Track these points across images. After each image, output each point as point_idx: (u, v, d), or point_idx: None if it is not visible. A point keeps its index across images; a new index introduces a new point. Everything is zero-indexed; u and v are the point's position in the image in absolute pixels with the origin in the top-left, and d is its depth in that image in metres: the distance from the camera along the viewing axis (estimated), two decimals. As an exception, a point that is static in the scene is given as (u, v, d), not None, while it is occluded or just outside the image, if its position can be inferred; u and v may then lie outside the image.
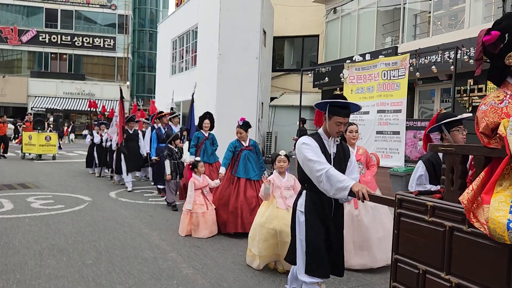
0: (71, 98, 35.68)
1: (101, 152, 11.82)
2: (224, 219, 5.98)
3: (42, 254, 4.87)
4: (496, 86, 2.44)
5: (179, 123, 12.07)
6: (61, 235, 5.68)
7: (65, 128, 30.73)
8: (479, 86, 10.98)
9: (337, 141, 3.34)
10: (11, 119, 26.40)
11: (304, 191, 3.29)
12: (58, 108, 34.77)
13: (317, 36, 18.87)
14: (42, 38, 37.23)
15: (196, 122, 8.52)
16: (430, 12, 12.90)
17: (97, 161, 12.07)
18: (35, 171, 12.55)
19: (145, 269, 4.47)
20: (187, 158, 7.51)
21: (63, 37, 37.73)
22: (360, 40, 15.61)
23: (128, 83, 38.39)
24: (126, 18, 39.40)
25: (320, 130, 3.36)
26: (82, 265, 4.53)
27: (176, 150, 7.49)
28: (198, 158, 6.51)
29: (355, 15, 15.84)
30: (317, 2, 17.34)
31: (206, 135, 7.76)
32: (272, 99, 19.53)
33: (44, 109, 34.43)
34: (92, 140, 12.46)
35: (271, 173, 4.92)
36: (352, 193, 2.89)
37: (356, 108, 3.26)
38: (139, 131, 10.30)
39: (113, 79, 38.60)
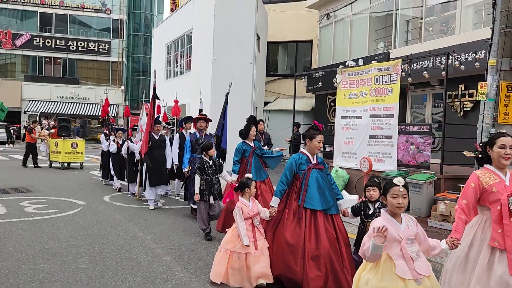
0: (65, 102, 35.56)
1: (120, 162, 10.25)
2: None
3: (35, 258, 4.89)
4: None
5: (175, 131, 11.06)
6: (55, 239, 5.69)
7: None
8: (470, 91, 11.14)
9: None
10: (4, 123, 26.22)
11: None
12: (52, 112, 34.65)
13: (311, 41, 19.03)
14: (36, 42, 37.12)
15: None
16: (421, 18, 13.07)
17: (112, 172, 10.49)
18: (29, 175, 12.51)
19: (139, 273, 4.50)
20: (227, 176, 6.19)
21: (58, 41, 37.65)
22: (353, 46, 15.76)
23: (122, 87, 38.34)
24: (121, 22, 39.41)
25: None
26: (76, 269, 4.55)
27: (211, 162, 5.93)
28: (250, 175, 4.72)
29: (348, 20, 16.00)
30: (310, 8, 17.50)
31: (253, 145, 6.49)
32: (266, 103, 19.62)
33: (38, 113, 34.30)
34: (108, 146, 10.83)
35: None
36: None
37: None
38: (166, 137, 8.68)
39: (108, 83, 38.54)
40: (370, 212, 4.25)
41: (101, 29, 39.40)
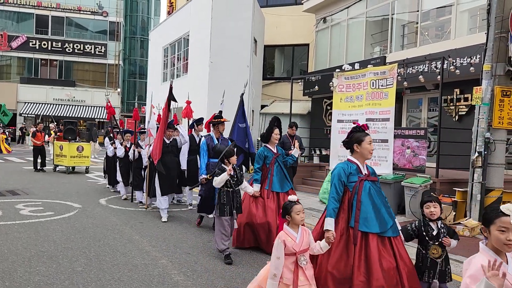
0: (61, 105, 35.46)
1: (128, 167, 9.38)
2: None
3: (31, 261, 4.87)
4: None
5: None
6: (51, 242, 5.67)
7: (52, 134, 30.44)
8: (465, 95, 11.22)
9: None
10: None
11: None
12: (48, 114, 34.54)
13: (307, 45, 19.09)
14: (33, 44, 37.05)
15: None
16: (417, 23, 13.16)
17: (119, 179, 9.63)
18: (24, 178, 12.45)
19: (136, 276, 4.50)
20: (248, 187, 5.43)
21: (54, 43, 37.60)
22: (349, 50, 15.83)
23: (119, 90, 38.29)
24: (117, 25, 39.41)
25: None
26: (72, 272, 4.54)
27: (234, 172, 5.13)
28: (294, 197, 3.39)
29: (344, 24, 16.08)
30: (307, 11, 17.57)
31: (275, 150, 5.71)
32: (262, 107, 19.65)
33: (34, 115, 34.19)
34: (115, 150, 10.04)
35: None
36: None
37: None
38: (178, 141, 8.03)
39: (104, 86, 38.49)
40: (434, 233, 3.56)
41: (97, 32, 39.39)
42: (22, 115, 34.05)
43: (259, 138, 18.03)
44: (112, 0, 39.32)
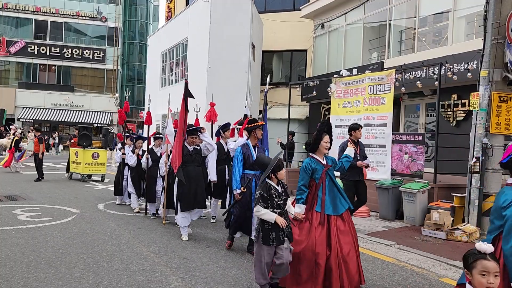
0: (60, 110, 35.44)
1: (140, 177, 8.64)
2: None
3: (29, 266, 4.85)
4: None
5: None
6: (49, 248, 5.65)
7: (51, 139, 30.43)
8: (463, 101, 11.27)
9: None
10: None
11: None
12: (46, 119, 34.54)
13: (305, 50, 19.17)
14: (31, 49, 37.08)
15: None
16: (415, 29, 13.25)
17: (130, 190, 8.80)
18: (22, 183, 12.42)
19: (134, 282, 4.49)
20: (290, 207, 4.40)
21: (52, 49, 37.63)
22: (347, 55, 15.91)
23: (117, 95, 38.31)
24: (116, 30, 39.49)
25: None
26: (70, 278, 4.53)
27: (279, 189, 4.18)
28: (485, 248, 2.28)
29: (342, 30, 16.17)
30: (305, 17, 17.67)
31: (325, 162, 4.65)
32: (260, 112, 19.68)
33: (32, 120, 34.15)
34: (124, 156, 9.31)
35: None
36: None
37: None
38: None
39: (103, 91, 38.51)
40: None
41: (96, 37, 39.46)
42: (20, 120, 34.00)
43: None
44: (111, 6, 39.43)
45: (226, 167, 7.51)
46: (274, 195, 4.10)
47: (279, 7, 20.49)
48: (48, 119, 34.66)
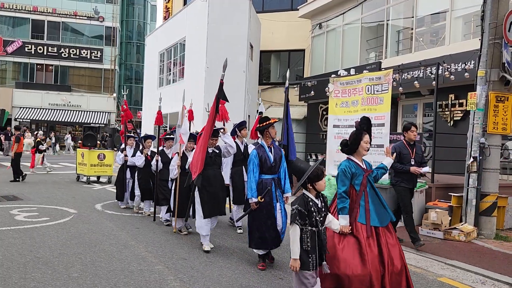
0: (57, 110, 35.36)
1: (147, 179, 8.17)
2: None
3: (26, 267, 4.84)
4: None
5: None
6: (46, 248, 5.64)
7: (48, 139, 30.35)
8: (460, 101, 11.30)
9: None
10: None
11: None
12: (43, 119, 34.44)
13: (303, 50, 19.19)
14: (28, 49, 36.96)
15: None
16: (412, 29, 13.28)
17: (138, 193, 8.31)
18: (19, 183, 12.37)
19: (132, 282, 4.48)
20: (333, 222, 3.68)
21: (50, 48, 37.53)
22: (344, 55, 15.93)
23: (114, 95, 38.25)
24: (113, 30, 39.42)
25: None
26: (68, 278, 4.52)
27: (319, 203, 3.48)
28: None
29: (340, 30, 16.19)
30: (303, 17, 17.69)
31: (364, 165, 4.19)
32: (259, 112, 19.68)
33: (29, 120, 34.06)
34: (126, 158, 8.69)
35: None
36: None
37: None
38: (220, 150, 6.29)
39: (100, 91, 38.43)
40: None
41: (93, 37, 39.37)
42: (17, 120, 33.90)
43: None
44: (108, 5, 39.35)
45: (244, 168, 6.89)
46: (313, 211, 3.39)
47: (277, 7, 20.51)
48: (45, 119, 34.55)
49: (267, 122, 5.21)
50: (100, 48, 38.79)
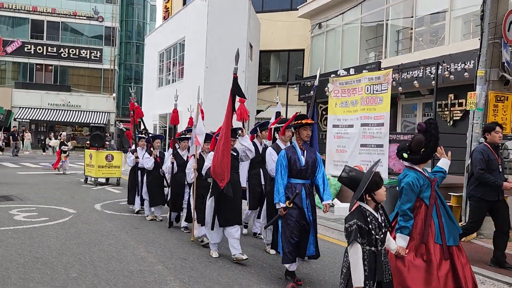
0: (57, 110, 35.33)
1: (156, 183, 7.72)
2: None
3: (25, 267, 4.83)
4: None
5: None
6: (45, 248, 5.63)
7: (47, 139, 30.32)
8: (460, 100, 11.31)
9: None
10: None
11: None
12: (43, 119, 34.41)
13: (303, 50, 19.18)
14: (28, 49, 36.93)
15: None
16: (412, 29, 13.28)
17: (145, 196, 7.84)
18: (19, 183, 12.36)
19: (131, 282, 4.47)
20: (390, 241, 3.20)
21: (49, 48, 37.49)
22: (344, 55, 15.93)
23: (114, 95, 38.22)
24: (113, 30, 39.39)
25: None
26: (67, 278, 4.51)
27: (379, 217, 2.96)
28: None
29: (339, 30, 16.18)
30: (302, 17, 17.69)
31: (427, 174, 3.80)
32: (258, 111, 19.68)
33: (28, 120, 34.04)
34: (137, 160, 8.20)
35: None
36: None
37: None
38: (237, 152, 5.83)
39: (99, 91, 38.41)
40: None
41: (93, 37, 39.34)
42: (17, 120, 33.87)
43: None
44: (108, 5, 39.32)
45: (261, 170, 6.39)
46: (373, 226, 2.85)
47: (276, 7, 20.50)
48: (45, 119, 34.52)
49: (300, 121, 4.57)
50: (99, 48, 38.75)
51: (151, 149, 7.87)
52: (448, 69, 10.03)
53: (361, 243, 2.81)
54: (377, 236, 2.85)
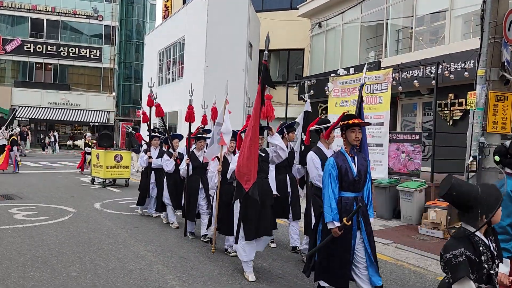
0: (56, 108, 35.30)
1: (176, 185, 7.19)
2: None
3: (25, 266, 4.83)
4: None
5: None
6: (45, 247, 5.63)
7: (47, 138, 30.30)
8: (460, 100, 11.29)
9: None
10: None
11: None
12: (42, 118, 34.39)
13: (303, 49, 19.16)
14: (27, 48, 36.88)
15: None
16: (412, 28, 13.25)
17: (167, 201, 7.28)
18: (19, 182, 12.36)
19: (131, 281, 4.47)
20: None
21: (49, 47, 37.43)
22: (344, 54, 15.91)
23: (114, 93, 38.19)
24: (112, 29, 39.34)
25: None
26: (67, 277, 4.51)
27: (491, 245, 2.22)
28: None
29: (339, 29, 16.17)
30: (302, 16, 17.66)
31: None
32: (258, 111, 19.64)
33: (28, 119, 34.01)
34: (150, 160, 7.83)
35: None
36: None
37: None
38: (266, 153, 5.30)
39: (99, 89, 38.37)
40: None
41: (92, 35, 39.28)
42: (17, 118, 33.83)
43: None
44: (108, 4, 39.25)
45: (287, 176, 5.87)
46: (485, 258, 2.14)
47: (276, 6, 20.47)
48: (45, 118, 34.49)
49: (347, 122, 3.81)
50: (99, 47, 38.70)
51: (170, 150, 7.34)
52: (448, 69, 10.03)
53: (474, 278, 2.09)
54: (491, 271, 2.12)
